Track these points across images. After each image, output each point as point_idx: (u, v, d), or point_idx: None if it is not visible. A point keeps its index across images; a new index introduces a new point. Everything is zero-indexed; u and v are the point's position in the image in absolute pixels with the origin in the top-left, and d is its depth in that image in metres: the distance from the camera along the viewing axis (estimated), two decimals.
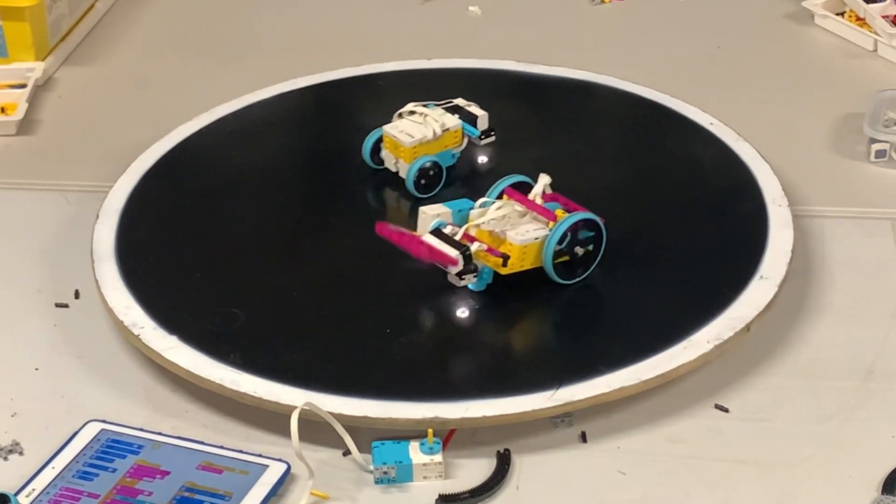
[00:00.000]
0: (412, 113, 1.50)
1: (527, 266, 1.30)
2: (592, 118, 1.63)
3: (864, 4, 1.84)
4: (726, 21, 1.94)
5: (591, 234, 1.32)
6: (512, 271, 1.30)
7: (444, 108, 1.51)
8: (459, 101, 1.53)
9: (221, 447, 1.18)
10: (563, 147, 1.56)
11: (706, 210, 1.44)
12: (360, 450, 1.17)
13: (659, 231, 1.41)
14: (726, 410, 1.23)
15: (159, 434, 1.20)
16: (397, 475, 1.15)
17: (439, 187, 1.48)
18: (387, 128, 1.49)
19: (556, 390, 1.19)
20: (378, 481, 1.15)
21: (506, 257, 1.29)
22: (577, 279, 1.32)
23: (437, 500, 1.13)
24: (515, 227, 1.31)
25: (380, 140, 1.50)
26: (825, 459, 1.17)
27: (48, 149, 1.68)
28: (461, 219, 1.33)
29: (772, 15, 1.94)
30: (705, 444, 1.19)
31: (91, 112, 1.76)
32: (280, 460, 1.16)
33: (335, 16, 1.98)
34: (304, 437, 1.14)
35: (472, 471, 1.16)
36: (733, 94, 1.74)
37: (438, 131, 1.48)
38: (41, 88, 1.80)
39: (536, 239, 1.30)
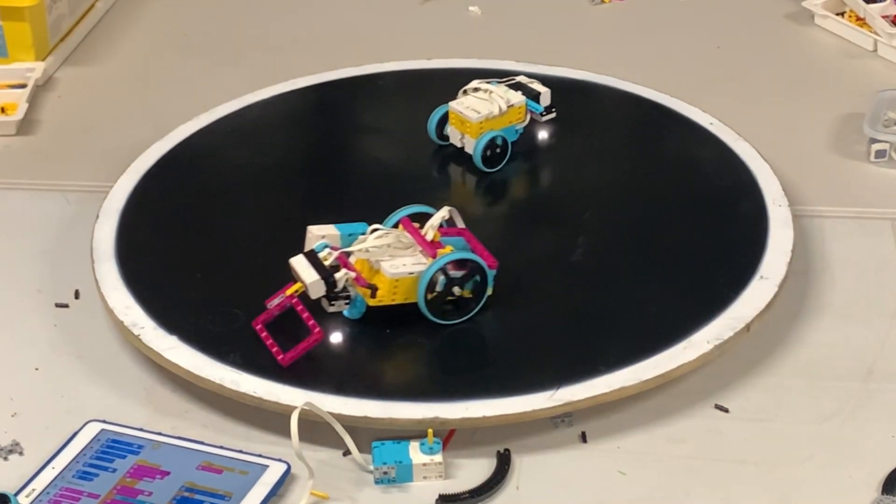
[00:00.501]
0: (477, 90, 1.52)
1: (399, 300, 1.26)
2: (592, 118, 1.63)
3: (864, 4, 1.84)
4: (726, 21, 1.94)
5: (475, 276, 1.26)
6: (382, 304, 1.25)
7: (507, 86, 1.53)
8: (521, 79, 1.55)
9: (221, 447, 1.18)
10: (564, 147, 1.56)
11: (706, 210, 1.44)
12: (360, 450, 1.17)
13: (659, 231, 1.41)
14: (726, 410, 1.23)
15: (159, 434, 1.20)
16: (397, 475, 1.15)
17: (504, 162, 1.50)
18: (453, 104, 1.51)
19: (556, 390, 1.19)
20: (378, 481, 1.15)
21: (374, 288, 1.25)
22: (456, 321, 1.27)
23: (437, 500, 1.13)
24: (394, 258, 1.26)
25: (445, 117, 1.52)
26: (825, 459, 1.17)
27: (48, 149, 1.68)
28: (349, 243, 1.29)
29: (772, 15, 1.94)
30: (705, 444, 1.19)
31: (91, 112, 1.76)
32: (280, 460, 1.16)
33: (335, 16, 1.98)
34: (304, 437, 1.14)
35: (472, 471, 1.16)
36: (733, 94, 1.74)
37: (504, 107, 1.50)
38: (41, 88, 1.80)
39: (411, 274, 1.25)
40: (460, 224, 1.33)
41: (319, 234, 1.30)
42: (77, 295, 1.39)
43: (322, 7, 2.01)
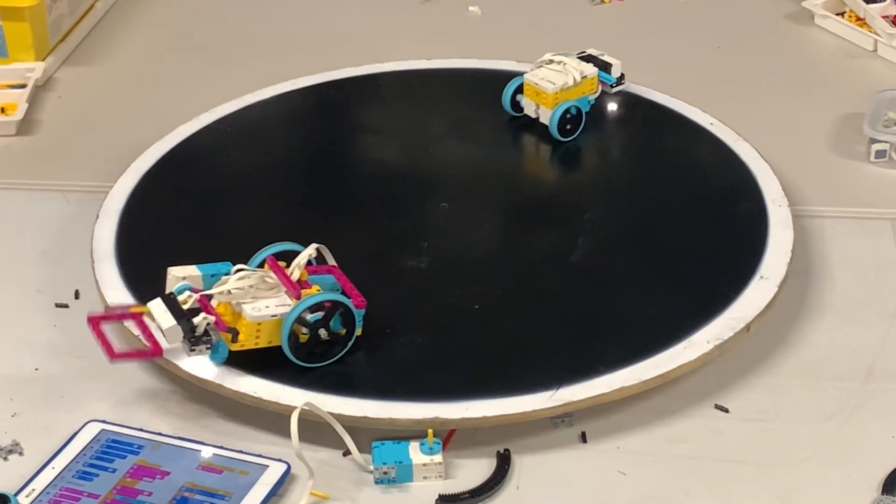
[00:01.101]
0: (551, 62, 1.56)
1: (262, 344, 1.21)
2: (593, 118, 1.63)
3: (864, 4, 1.84)
4: (726, 21, 1.94)
5: (342, 317, 1.22)
6: (245, 348, 1.21)
7: (579, 58, 1.57)
8: (592, 51, 1.60)
9: (221, 447, 1.18)
10: (564, 147, 1.56)
11: (706, 210, 1.44)
12: (360, 450, 1.17)
13: (659, 231, 1.41)
14: (726, 410, 1.23)
15: (159, 434, 1.20)
16: (397, 475, 1.15)
17: (579, 131, 1.54)
18: (527, 76, 1.55)
19: (556, 390, 1.19)
20: (378, 481, 1.15)
21: (235, 332, 1.20)
22: (324, 363, 1.23)
23: (437, 500, 1.13)
24: (256, 300, 1.21)
25: (519, 89, 1.56)
26: (825, 459, 1.17)
27: (48, 149, 1.68)
28: (210, 284, 1.24)
29: (772, 15, 1.94)
30: (705, 444, 1.19)
31: (91, 112, 1.76)
32: (280, 460, 1.16)
33: (335, 16, 1.98)
34: (304, 437, 1.14)
35: (472, 471, 1.16)
36: (733, 94, 1.74)
37: (578, 78, 1.54)
38: (41, 88, 1.80)
39: (273, 316, 1.20)
40: (330, 261, 1.29)
41: (180, 276, 1.25)
42: (77, 295, 1.39)
43: (322, 7, 2.01)
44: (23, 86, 1.77)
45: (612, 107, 1.62)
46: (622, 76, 1.59)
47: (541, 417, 1.19)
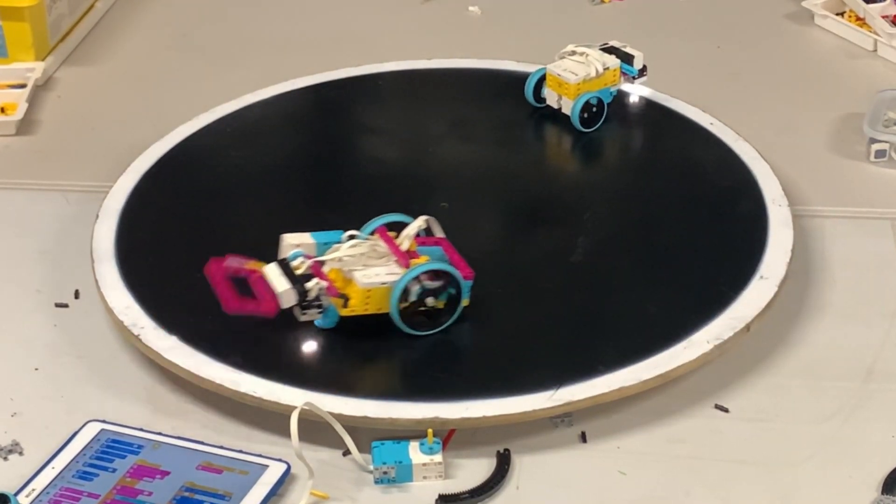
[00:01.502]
0: (574, 53, 1.57)
1: (372, 310, 1.25)
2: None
3: (864, 4, 1.84)
4: (726, 21, 1.94)
5: (450, 287, 1.25)
6: (354, 314, 1.24)
7: (601, 50, 1.58)
8: (615, 43, 1.61)
9: (221, 447, 1.18)
10: (564, 147, 1.56)
11: (706, 210, 1.44)
12: (360, 450, 1.17)
13: (659, 231, 1.41)
14: (726, 410, 1.23)
15: (159, 434, 1.20)
16: (397, 475, 1.15)
17: (601, 122, 1.56)
18: (550, 67, 1.57)
19: (556, 390, 1.19)
20: (378, 481, 1.15)
21: (346, 298, 1.23)
22: (430, 332, 1.26)
23: (437, 500, 1.13)
24: (367, 268, 1.25)
25: (542, 80, 1.58)
26: (825, 459, 1.17)
27: (48, 149, 1.68)
28: (323, 252, 1.28)
29: (772, 15, 1.94)
30: (705, 444, 1.19)
31: (91, 112, 1.76)
32: (280, 460, 1.16)
33: (335, 16, 1.98)
34: (304, 437, 1.14)
35: (472, 471, 1.16)
36: (733, 94, 1.74)
37: (600, 69, 1.56)
38: (41, 88, 1.80)
39: (383, 284, 1.24)
40: (439, 233, 1.32)
41: (294, 243, 1.29)
42: (77, 295, 1.39)
43: (322, 7, 2.01)
44: (23, 86, 1.77)
45: (612, 107, 1.62)
46: (644, 68, 1.61)
47: (541, 417, 1.19)
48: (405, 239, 1.28)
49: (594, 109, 1.56)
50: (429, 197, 1.47)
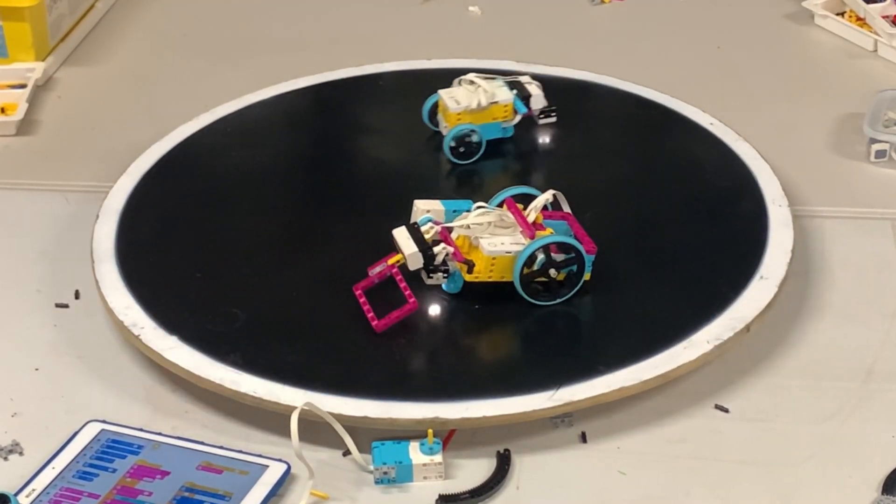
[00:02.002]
0: (472, 82, 1.53)
1: (495, 278, 1.28)
2: (592, 118, 1.63)
3: (864, 4, 1.84)
4: (726, 21, 1.94)
5: (572, 259, 1.28)
6: (479, 279, 1.28)
7: (506, 82, 1.54)
8: (524, 79, 1.56)
9: (221, 447, 1.18)
10: (564, 147, 1.56)
11: (706, 210, 1.44)
12: (360, 450, 1.17)
13: (659, 231, 1.41)
14: (726, 410, 1.23)
15: (159, 434, 1.20)
16: (397, 475, 1.15)
17: (476, 157, 1.52)
18: (442, 92, 1.54)
19: (556, 390, 1.19)
20: (378, 481, 1.15)
21: (471, 264, 1.27)
22: (550, 302, 1.29)
23: (437, 501, 1.13)
24: (493, 236, 1.29)
25: (437, 104, 1.55)
26: (825, 459, 1.17)
27: (48, 149, 1.68)
28: (452, 219, 1.32)
29: (772, 15, 1.94)
30: (705, 444, 1.19)
31: (91, 112, 1.76)
32: (280, 460, 1.16)
33: (335, 16, 1.98)
34: (304, 437, 1.14)
35: (472, 471, 1.16)
36: (733, 94, 1.74)
37: (484, 102, 1.51)
38: (41, 88, 1.80)
39: (508, 253, 1.27)
40: (566, 208, 1.35)
41: (424, 209, 1.34)
42: (77, 295, 1.39)
43: (322, 7, 2.01)
44: (23, 86, 1.77)
45: (612, 107, 1.62)
46: (551, 109, 1.54)
47: (541, 417, 1.19)
48: (532, 211, 1.32)
49: (470, 142, 1.50)
50: (429, 197, 1.47)
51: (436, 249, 1.27)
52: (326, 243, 1.41)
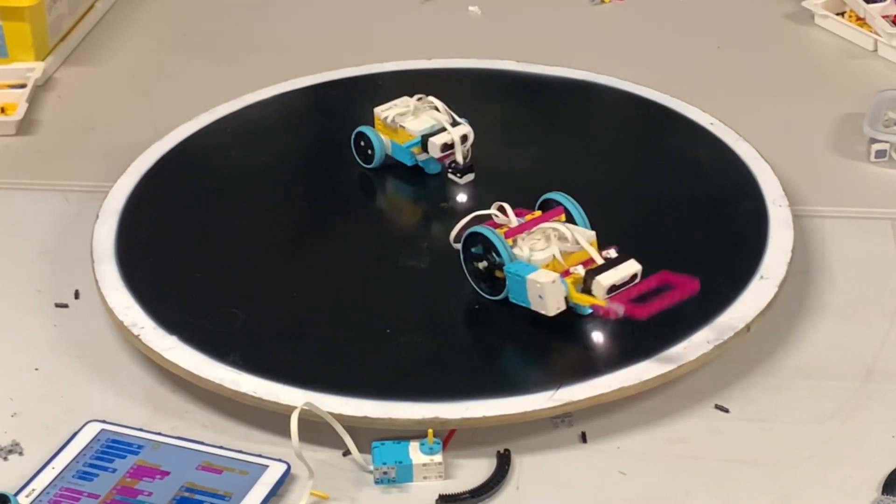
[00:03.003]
0: (423, 104, 1.50)
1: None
2: (592, 118, 1.63)
3: (864, 4, 1.84)
4: (726, 21, 1.94)
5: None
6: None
7: (450, 121, 1.47)
8: (461, 126, 1.47)
9: (221, 447, 1.18)
10: (564, 147, 1.56)
11: (706, 210, 1.44)
12: (360, 450, 1.17)
13: (659, 231, 1.41)
14: (726, 410, 1.23)
15: (159, 434, 1.20)
16: (397, 475, 1.15)
17: (373, 164, 1.49)
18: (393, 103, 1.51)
19: (556, 390, 1.19)
20: (378, 481, 1.15)
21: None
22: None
23: (437, 501, 1.13)
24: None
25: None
26: (825, 459, 1.17)
27: (48, 149, 1.68)
28: None
29: (772, 15, 1.94)
30: (705, 444, 1.19)
31: (91, 112, 1.76)
32: (280, 460, 1.16)
33: (335, 16, 1.98)
34: (304, 437, 1.14)
35: (472, 471, 1.16)
36: (733, 94, 1.74)
37: (392, 120, 1.48)
38: (41, 88, 1.80)
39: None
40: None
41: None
42: (77, 295, 1.39)
43: (322, 7, 2.01)
44: (23, 86, 1.77)
45: (612, 107, 1.62)
46: (464, 167, 1.46)
47: (541, 417, 1.19)
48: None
49: (363, 144, 1.50)
50: (429, 197, 1.47)
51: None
52: (326, 243, 1.41)
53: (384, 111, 1.49)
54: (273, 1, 2.03)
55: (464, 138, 1.46)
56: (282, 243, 1.42)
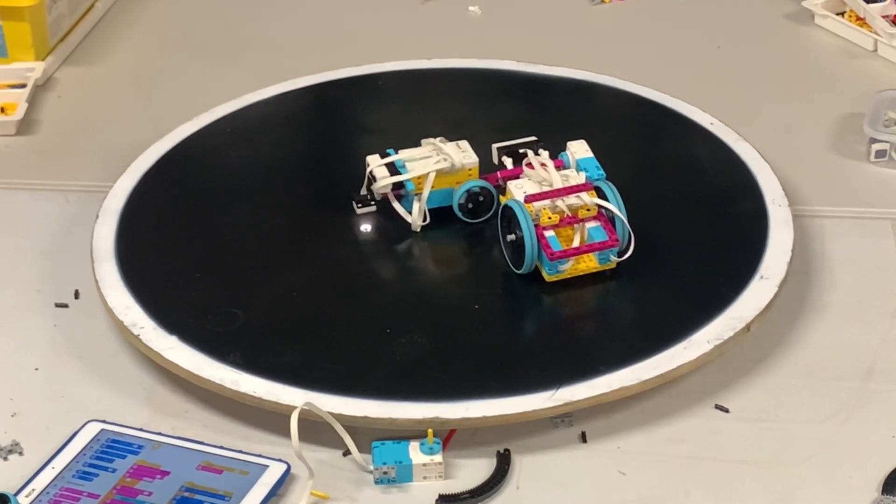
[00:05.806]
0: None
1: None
2: (592, 118, 1.63)
3: (864, 4, 1.84)
4: (726, 21, 1.94)
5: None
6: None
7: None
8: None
9: (221, 447, 1.18)
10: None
11: (706, 210, 1.44)
12: (360, 450, 1.17)
13: (659, 231, 1.41)
14: (726, 410, 1.23)
15: (159, 434, 1.20)
16: (397, 475, 1.15)
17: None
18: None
19: (556, 390, 1.19)
20: (378, 481, 1.15)
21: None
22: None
23: (437, 500, 1.13)
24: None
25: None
26: (825, 459, 1.17)
27: (48, 149, 1.68)
28: None
29: (772, 15, 1.94)
30: (705, 444, 1.19)
31: (91, 112, 1.76)
32: (280, 460, 1.16)
33: (335, 16, 1.98)
34: (304, 437, 1.14)
35: (472, 471, 1.16)
36: (733, 94, 1.74)
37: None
38: (41, 88, 1.80)
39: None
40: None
41: None
42: (77, 295, 1.39)
43: (322, 7, 2.01)
44: (23, 86, 1.77)
45: (612, 107, 1.62)
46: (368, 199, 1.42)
47: (541, 417, 1.19)
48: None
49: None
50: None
51: None
52: (326, 243, 1.41)
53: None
54: (273, 1, 2.03)
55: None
56: (282, 243, 1.42)
